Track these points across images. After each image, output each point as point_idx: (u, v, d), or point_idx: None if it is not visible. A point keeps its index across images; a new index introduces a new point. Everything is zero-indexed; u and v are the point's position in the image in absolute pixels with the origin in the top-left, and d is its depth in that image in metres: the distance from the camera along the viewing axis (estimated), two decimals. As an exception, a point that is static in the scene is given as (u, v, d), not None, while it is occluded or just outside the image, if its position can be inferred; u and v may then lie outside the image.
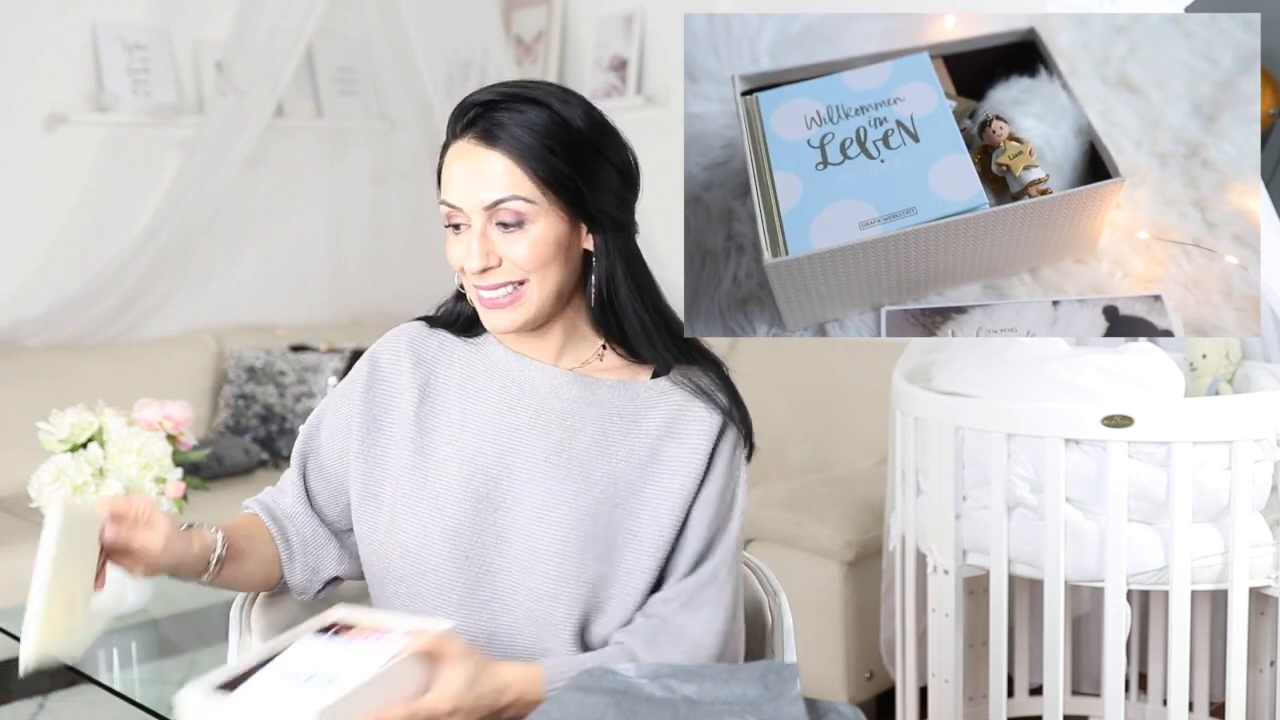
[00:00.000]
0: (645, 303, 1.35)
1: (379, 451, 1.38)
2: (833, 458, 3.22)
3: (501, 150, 1.27)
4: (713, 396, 1.36)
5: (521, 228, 1.28)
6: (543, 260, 1.29)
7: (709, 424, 1.35)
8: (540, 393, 1.36)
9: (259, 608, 1.47)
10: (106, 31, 3.81)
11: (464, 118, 1.30)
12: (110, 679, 2.27)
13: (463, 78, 4.05)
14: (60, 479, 2.24)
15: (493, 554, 1.31)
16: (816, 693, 2.61)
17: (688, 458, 1.34)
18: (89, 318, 3.67)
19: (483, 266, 1.29)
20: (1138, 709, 2.61)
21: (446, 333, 1.42)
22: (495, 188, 1.27)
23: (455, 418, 1.36)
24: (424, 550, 1.31)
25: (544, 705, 1.16)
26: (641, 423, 1.35)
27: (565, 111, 1.29)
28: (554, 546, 1.29)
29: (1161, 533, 2.04)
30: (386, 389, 1.40)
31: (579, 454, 1.33)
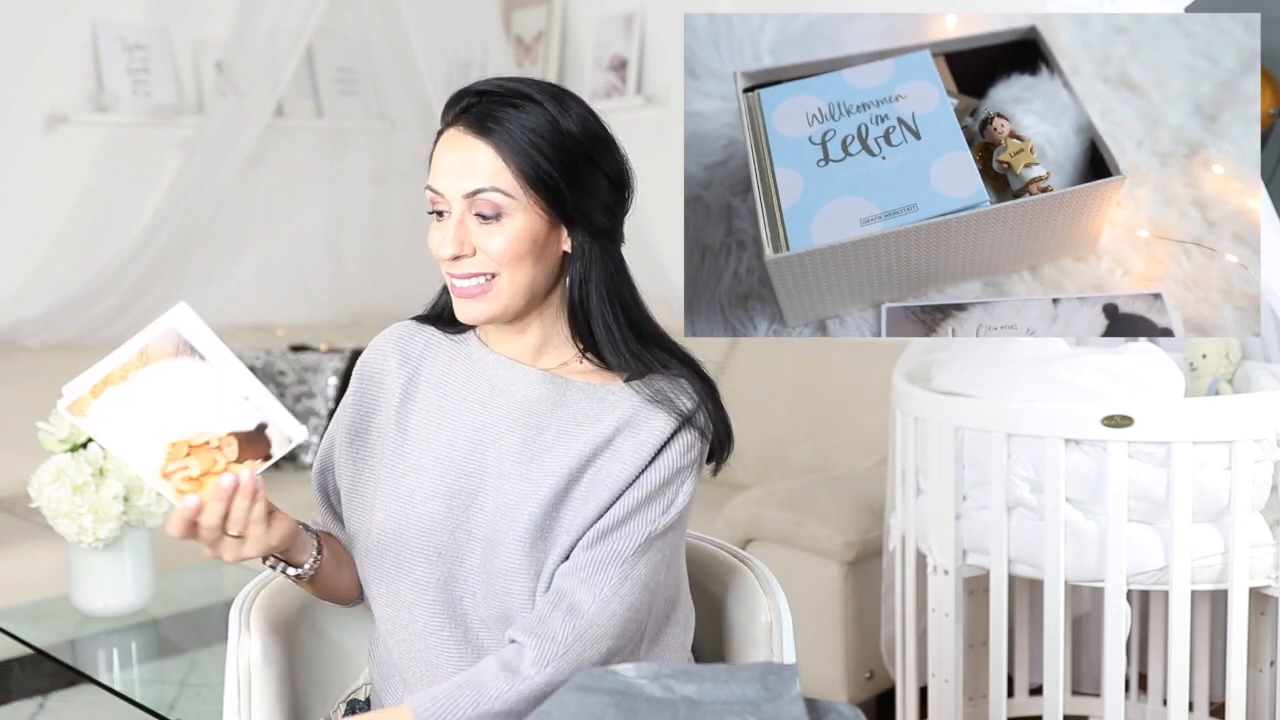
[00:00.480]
0: (615, 310, 1.34)
1: (366, 452, 1.40)
2: (833, 458, 3.22)
3: (489, 141, 1.28)
4: (675, 403, 1.34)
5: (499, 220, 1.28)
6: (515, 255, 1.29)
7: (662, 426, 1.32)
8: (511, 391, 1.36)
9: (259, 607, 1.47)
10: (106, 31, 3.81)
11: (458, 105, 1.31)
12: (110, 679, 2.27)
13: (463, 78, 4.05)
14: (60, 479, 2.24)
15: (465, 550, 1.32)
16: (816, 693, 2.61)
17: (635, 449, 1.31)
18: (89, 318, 3.67)
19: (455, 254, 1.29)
20: (1138, 709, 2.61)
21: (433, 329, 1.43)
22: (477, 177, 1.28)
23: (433, 415, 1.37)
24: (400, 547, 1.33)
25: (544, 705, 1.16)
26: (603, 419, 1.34)
27: (559, 113, 1.29)
28: (512, 545, 1.30)
29: (1161, 533, 2.04)
30: (372, 389, 1.42)
31: (541, 451, 1.33)
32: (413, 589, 1.33)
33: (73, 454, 2.28)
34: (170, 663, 2.38)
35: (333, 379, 3.69)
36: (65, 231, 3.76)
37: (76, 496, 2.23)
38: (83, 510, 2.23)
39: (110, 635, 2.40)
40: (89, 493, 2.24)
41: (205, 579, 2.73)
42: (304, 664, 1.52)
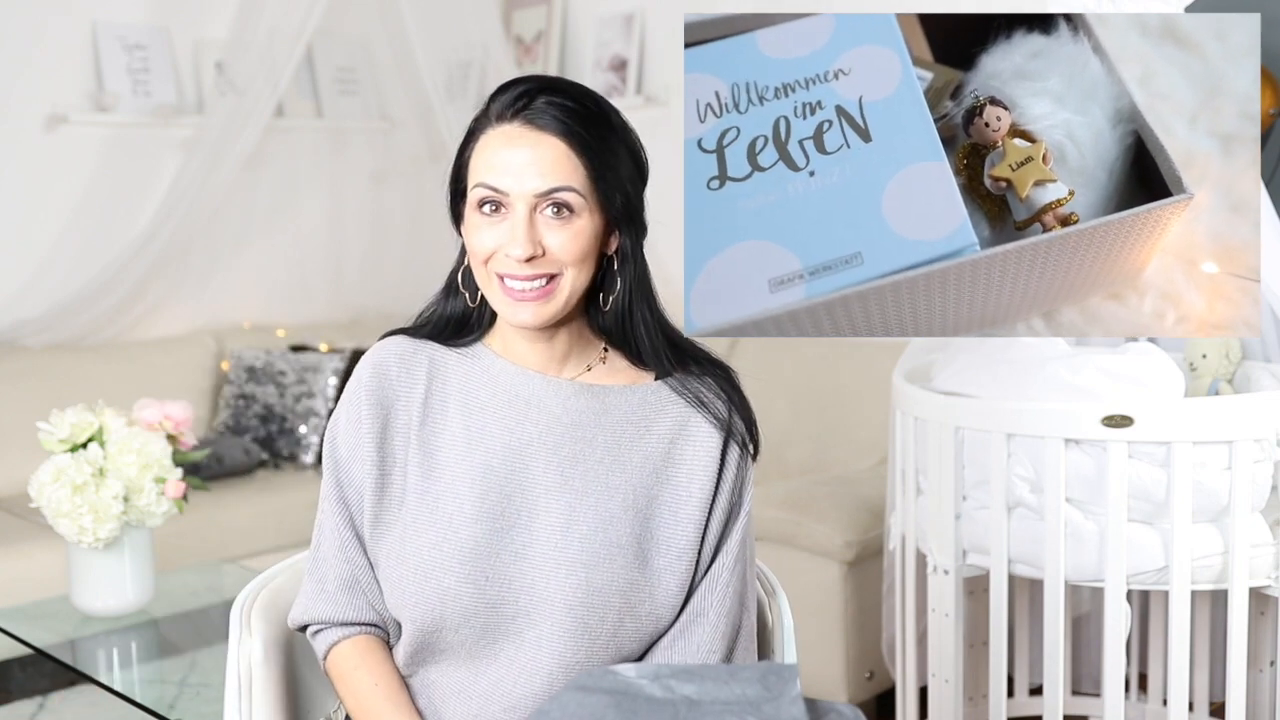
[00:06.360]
0: (651, 309, 1.34)
1: (385, 479, 1.34)
2: (833, 458, 3.22)
3: (556, 136, 1.25)
4: (712, 408, 1.35)
5: (569, 220, 1.26)
6: (583, 254, 1.27)
7: (712, 439, 1.34)
8: (548, 406, 1.33)
9: (259, 608, 1.47)
10: (106, 31, 3.81)
11: (515, 103, 1.27)
12: (110, 679, 2.27)
13: (463, 78, 4.06)
14: (60, 479, 2.24)
15: (513, 571, 1.28)
16: (816, 693, 2.61)
17: (702, 461, 1.33)
18: (89, 318, 3.67)
19: (530, 254, 1.25)
20: (1138, 709, 2.61)
21: (434, 344, 1.37)
22: (550, 175, 1.25)
23: (460, 436, 1.32)
24: (441, 574, 1.28)
25: (544, 705, 1.16)
26: (653, 428, 1.34)
27: (602, 104, 1.29)
28: (582, 558, 1.28)
29: (1161, 533, 2.04)
30: (380, 414, 1.34)
31: (594, 465, 1.31)
32: (459, 614, 1.28)
33: (73, 454, 2.28)
34: (170, 663, 2.38)
35: (333, 379, 3.69)
36: (65, 231, 3.76)
37: (76, 496, 2.23)
38: (83, 510, 2.23)
39: (110, 635, 2.40)
40: (89, 493, 2.24)
41: (205, 579, 2.73)
42: (304, 664, 1.52)
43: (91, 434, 2.32)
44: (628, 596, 1.29)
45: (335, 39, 4.26)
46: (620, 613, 1.28)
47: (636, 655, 1.32)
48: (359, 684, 1.33)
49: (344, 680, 1.34)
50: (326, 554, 1.35)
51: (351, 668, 1.33)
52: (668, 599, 1.31)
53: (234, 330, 3.99)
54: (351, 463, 1.34)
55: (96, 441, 2.31)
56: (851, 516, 2.68)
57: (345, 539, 1.34)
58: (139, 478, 2.29)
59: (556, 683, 1.27)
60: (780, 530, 2.72)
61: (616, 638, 1.29)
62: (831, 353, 3.31)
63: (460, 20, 4.08)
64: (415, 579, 1.29)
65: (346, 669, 1.34)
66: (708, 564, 1.34)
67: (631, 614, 1.29)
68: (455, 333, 1.38)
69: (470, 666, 1.30)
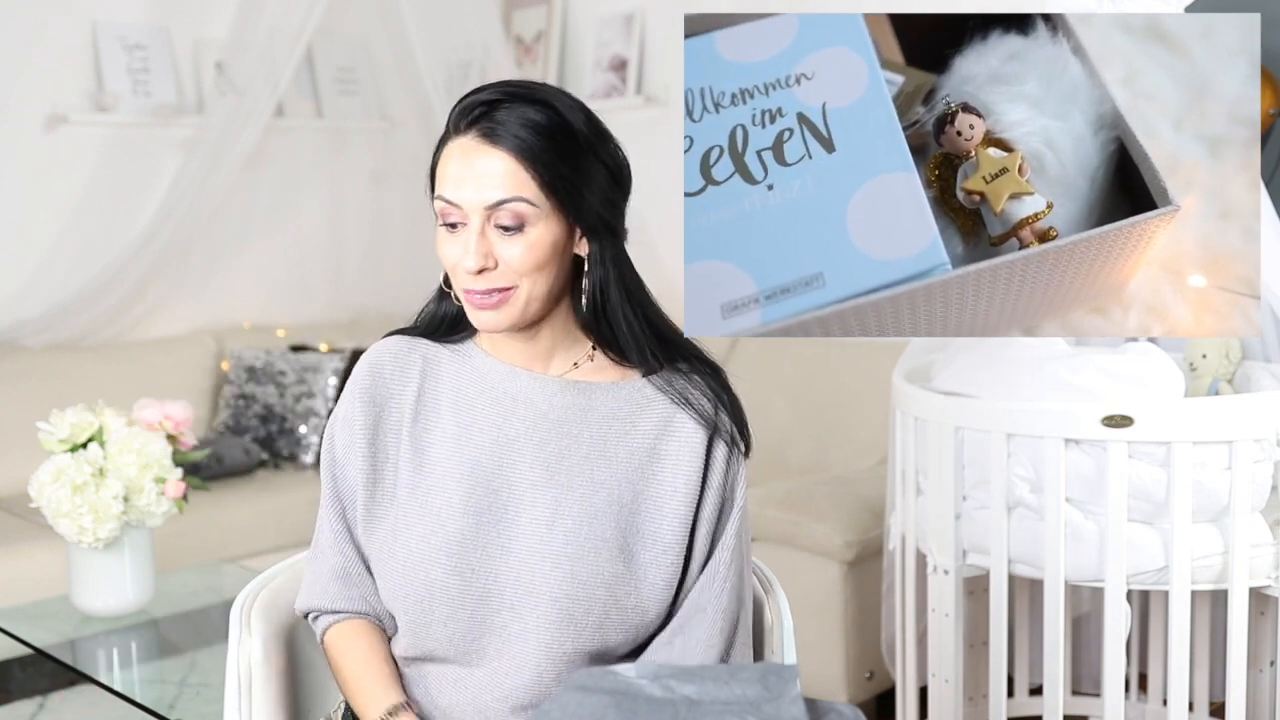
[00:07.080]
0: (634, 308, 1.35)
1: (377, 475, 1.37)
2: (833, 458, 3.22)
3: (506, 150, 1.26)
4: (697, 405, 1.35)
5: (521, 230, 1.27)
6: (538, 264, 1.29)
7: (696, 435, 1.35)
8: (534, 402, 1.35)
9: (259, 608, 1.47)
10: (106, 31, 3.81)
11: (469, 114, 1.28)
12: (110, 679, 2.27)
13: (463, 77, 4.05)
14: (60, 479, 2.24)
15: (498, 564, 1.31)
16: (816, 693, 2.61)
17: (686, 457, 1.34)
18: (89, 318, 3.67)
19: (480, 267, 1.28)
20: (1138, 709, 2.61)
21: (429, 343, 1.41)
22: (498, 188, 1.26)
23: (450, 432, 1.35)
24: (429, 566, 1.31)
25: (544, 705, 1.16)
26: (638, 424, 1.35)
27: (568, 113, 1.29)
28: (567, 551, 1.30)
29: (1161, 533, 2.04)
30: (373, 412, 1.38)
31: (579, 460, 1.33)
32: (446, 603, 1.30)
33: (73, 454, 2.28)
34: (170, 663, 2.38)
35: (333, 379, 3.69)
36: (65, 231, 3.76)
37: (76, 496, 2.23)
38: (83, 510, 2.23)
39: (110, 635, 2.40)
40: (89, 493, 2.24)
41: (205, 579, 2.73)
42: (304, 664, 1.52)
43: (91, 434, 2.32)
44: (613, 589, 1.30)
45: (335, 39, 4.26)
46: (605, 605, 1.30)
47: (622, 647, 1.33)
48: (346, 663, 1.37)
49: (335, 661, 1.39)
50: (323, 546, 1.40)
51: (341, 651, 1.38)
52: (653, 592, 1.32)
53: (234, 330, 3.99)
54: (346, 459, 1.38)
55: (96, 441, 2.31)
56: (851, 516, 2.68)
57: (339, 533, 1.39)
58: (139, 478, 2.29)
59: (545, 673, 1.29)
60: (780, 530, 2.72)
61: (602, 629, 1.30)
62: (831, 353, 3.31)
63: (460, 20, 4.08)
64: (405, 571, 1.32)
65: (336, 651, 1.39)
66: (704, 561, 1.36)
67: (617, 606, 1.31)
68: (449, 331, 1.41)
69: (462, 657, 1.33)
